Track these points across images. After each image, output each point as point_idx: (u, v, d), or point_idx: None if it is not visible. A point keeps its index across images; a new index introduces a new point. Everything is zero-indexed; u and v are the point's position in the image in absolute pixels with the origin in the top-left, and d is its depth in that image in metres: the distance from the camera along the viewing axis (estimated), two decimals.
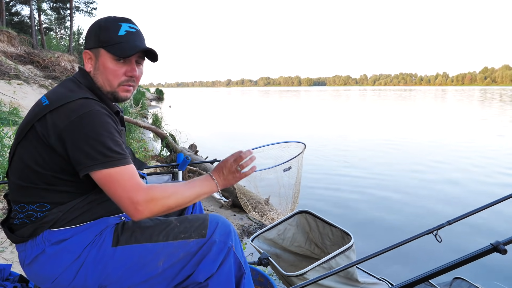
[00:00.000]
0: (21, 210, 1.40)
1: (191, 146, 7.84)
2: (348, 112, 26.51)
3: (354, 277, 2.14)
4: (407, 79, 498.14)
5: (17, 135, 1.43)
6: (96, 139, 1.30)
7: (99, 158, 1.29)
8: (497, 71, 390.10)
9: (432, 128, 15.13)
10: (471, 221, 2.16)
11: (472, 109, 27.71)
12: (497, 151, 9.79)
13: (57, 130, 1.31)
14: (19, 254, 1.44)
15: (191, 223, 1.47)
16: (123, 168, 1.32)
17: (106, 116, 1.36)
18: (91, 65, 1.50)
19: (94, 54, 1.49)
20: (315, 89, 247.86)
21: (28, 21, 31.47)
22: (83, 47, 41.78)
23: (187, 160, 2.67)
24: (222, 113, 27.28)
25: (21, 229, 1.40)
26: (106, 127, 1.33)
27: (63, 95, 1.37)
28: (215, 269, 1.41)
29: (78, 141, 1.29)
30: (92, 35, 1.49)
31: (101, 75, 1.48)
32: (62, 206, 1.38)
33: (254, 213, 3.65)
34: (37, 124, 1.35)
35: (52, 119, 1.33)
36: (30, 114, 1.42)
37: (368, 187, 6.51)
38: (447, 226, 1.65)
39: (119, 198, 1.30)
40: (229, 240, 1.45)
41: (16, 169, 1.41)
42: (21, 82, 14.67)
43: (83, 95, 1.38)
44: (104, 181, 1.31)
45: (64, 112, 1.32)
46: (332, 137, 12.94)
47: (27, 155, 1.37)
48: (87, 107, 1.33)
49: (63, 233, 1.38)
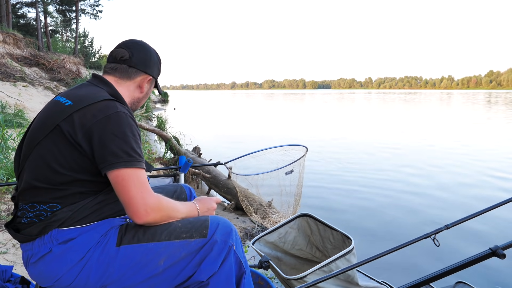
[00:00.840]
0: (31, 210, 1.42)
1: (194, 148, 7.85)
2: (352, 115, 26.45)
3: (354, 281, 2.14)
4: (412, 82, 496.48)
5: (36, 134, 1.45)
6: (122, 138, 1.38)
7: (122, 156, 1.36)
8: (503, 75, 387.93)
9: (433, 132, 15.08)
10: (469, 225, 2.16)
11: (475, 112, 27.60)
12: (496, 155, 9.75)
13: (85, 128, 1.38)
14: (24, 253, 1.45)
15: (192, 223, 1.49)
16: (141, 171, 1.40)
17: (130, 119, 1.45)
18: (146, 88, 1.73)
19: (151, 82, 1.74)
20: (320, 92, 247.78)
21: (34, 23, 31.67)
22: (88, 49, 42.09)
23: (189, 163, 2.68)
24: (226, 115, 27.32)
25: (29, 228, 1.42)
26: (131, 129, 1.43)
27: (87, 96, 1.46)
28: (216, 268, 1.43)
29: (105, 139, 1.36)
30: (155, 66, 1.74)
31: (145, 98, 1.75)
32: (72, 206, 1.40)
33: (256, 216, 3.66)
34: (63, 123, 1.39)
35: (79, 118, 1.39)
36: (50, 113, 1.46)
37: (369, 190, 6.50)
38: (445, 230, 1.65)
39: (132, 198, 1.35)
40: (230, 239, 1.48)
41: (32, 169, 1.43)
42: (26, 84, 14.77)
43: (107, 97, 1.48)
44: (120, 180, 1.36)
45: (91, 112, 1.40)
46: (334, 140, 12.90)
47: (48, 154, 1.40)
48: (114, 108, 1.42)
49: (71, 233, 1.40)
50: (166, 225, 1.47)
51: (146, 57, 1.69)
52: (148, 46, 1.73)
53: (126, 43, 1.69)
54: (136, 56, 1.66)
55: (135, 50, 1.67)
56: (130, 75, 1.65)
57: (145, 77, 1.68)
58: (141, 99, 1.72)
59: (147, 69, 1.68)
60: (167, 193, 1.87)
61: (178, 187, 2.00)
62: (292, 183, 3.22)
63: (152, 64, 1.71)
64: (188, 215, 1.57)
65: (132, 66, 1.65)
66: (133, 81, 1.66)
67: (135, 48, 1.68)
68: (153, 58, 1.71)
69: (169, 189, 1.96)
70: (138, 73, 1.66)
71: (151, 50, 1.72)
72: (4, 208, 3.79)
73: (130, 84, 1.66)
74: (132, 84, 1.66)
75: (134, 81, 1.66)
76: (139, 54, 1.67)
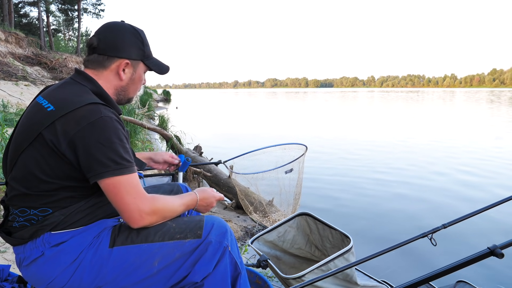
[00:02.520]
0: (22, 214, 1.40)
1: (196, 147, 7.84)
2: (353, 114, 26.42)
3: (353, 280, 2.13)
4: (415, 81, 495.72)
5: (20, 141, 1.40)
6: (108, 146, 1.32)
7: (110, 165, 1.32)
8: (506, 73, 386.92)
9: (433, 131, 15.03)
10: (466, 224, 2.14)
11: (477, 110, 27.52)
12: (494, 154, 9.69)
13: (68, 137, 1.32)
14: (17, 256, 1.44)
15: (186, 224, 1.47)
16: (132, 176, 1.36)
17: (116, 123, 1.38)
18: (126, 74, 1.56)
19: (132, 65, 1.56)
20: (322, 90, 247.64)
21: (36, 22, 31.76)
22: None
23: (187, 161, 2.67)
24: (228, 114, 27.31)
25: (20, 231, 1.40)
26: (117, 134, 1.36)
27: (69, 101, 1.37)
28: (211, 269, 1.41)
29: (90, 148, 1.31)
30: (134, 47, 1.55)
31: (134, 85, 1.60)
32: (64, 210, 1.38)
33: (255, 215, 3.65)
34: (45, 131, 1.34)
35: (62, 126, 1.33)
36: (33, 120, 1.39)
37: (368, 190, 6.49)
38: (442, 229, 1.64)
39: (126, 205, 1.34)
40: (225, 240, 1.45)
41: (19, 178, 1.39)
42: (28, 83, 14.81)
43: (91, 100, 1.39)
44: (112, 188, 1.33)
45: (74, 119, 1.33)
46: (334, 139, 12.90)
47: (32, 163, 1.36)
48: (97, 113, 1.35)
49: (63, 236, 1.38)
50: (160, 226, 1.45)
51: (116, 39, 1.51)
52: (120, 26, 1.55)
53: (97, 30, 1.56)
54: (104, 41, 1.51)
55: (102, 35, 1.52)
56: (103, 63, 1.52)
57: (119, 61, 1.52)
58: (126, 88, 1.58)
59: (119, 52, 1.51)
60: (164, 192, 1.86)
61: (175, 186, 1.99)
62: (291, 182, 3.21)
63: (125, 46, 1.52)
64: (187, 208, 1.57)
65: (101, 54, 1.51)
66: (109, 70, 1.53)
67: (103, 33, 1.53)
68: (126, 39, 1.53)
69: (166, 188, 1.95)
70: (110, 59, 1.52)
71: (123, 30, 1.54)
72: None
73: (107, 74, 1.53)
74: (109, 74, 1.53)
75: (110, 69, 1.53)
76: (106, 38, 1.51)
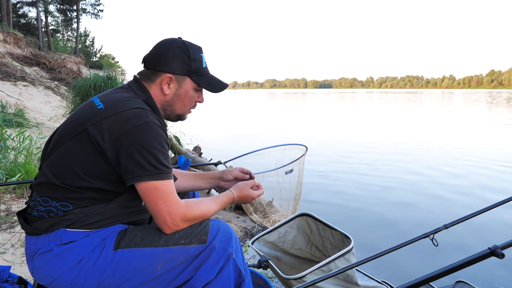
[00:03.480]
0: (44, 203, 1.41)
1: (195, 148, 7.85)
2: (353, 115, 26.46)
3: (353, 281, 2.13)
4: (414, 82, 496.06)
5: (65, 132, 1.44)
6: (150, 151, 1.35)
7: (150, 170, 1.35)
8: (504, 74, 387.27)
9: (433, 132, 15.07)
10: (468, 225, 2.15)
11: (477, 112, 27.58)
12: (494, 155, 9.72)
13: (113, 136, 1.35)
14: (28, 247, 1.45)
15: (192, 228, 1.46)
16: (169, 182, 1.39)
17: (160, 129, 1.41)
18: (171, 89, 1.57)
19: (177, 80, 1.56)
20: (321, 91, 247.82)
21: (35, 23, 31.72)
22: (90, 49, 42.12)
23: (188, 162, 2.68)
24: (227, 115, 27.33)
25: (37, 222, 1.42)
26: (160, 140, 1.39)
27: (120, 102, 1.43)
28: (213, 276, 1.40)
29: (133, 150, 1.34)
30: (179, 61, 1.54)
31: (180, 101, 1.60)
32: (84, 209, 1.40)
33: (255, 215, 3.65)
34: (91, 127, 1.38)
35: (108, 124, 1.37)
36: (82, 114, 1.44)
37: (369, 190, 6.49)
38: (444, 230, 1.64)
39: (159, 210, 1.37)
40: (230, 247, 1.44)
41: (54, 165, 1.42)
42: (27, 84, 14.78)
43: (140, 105, 1.44)
44: (148, 192, 1.36)
45: (121, 119, 1.37)
46: (334, 140, 12.92)
47: (73, 156, 1.39)
48: (144, 118, 1.39)
49: (76, 235, 1.40)
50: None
51: (161, 54, 1.55)
52: (170, 41, 1.58)
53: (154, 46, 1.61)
54: (151, 55, 1.57)
55: (153, 49, 1.58)
56: (150, 77, 1.56)
57: (162, 76, 1.55)
58: (171, 103, 1.59)
59: (163, 66, 1.54)
60: None
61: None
62: (291, 183, 3.21)
63: (169, 60, 1.54)
64: (221, 207, 1.61)
65: (148, 68, 1.57)
66: (155, 84, 1.56)
67: (154, 47, 1.59)
68: (171, 53, 1.54)
69: None
70: (155, 73, 1.55)
71: (172, 45, 1.56)
72: (4, 208, 3.79)
73: (154, 88, 1.56)
74: (155, 87, 1.56)
75: (156, 84, 1.56)
76: (154, 53, 1.57)
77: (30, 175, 4.42)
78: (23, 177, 4.36)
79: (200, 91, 1.65)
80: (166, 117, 1.64)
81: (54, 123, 10.79)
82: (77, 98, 9.35)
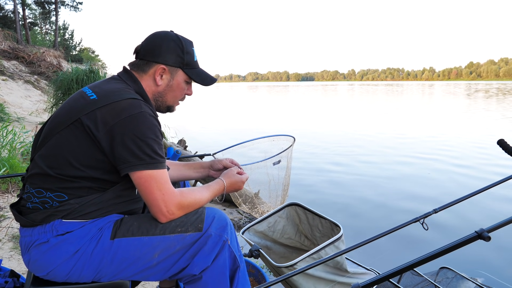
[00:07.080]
0: (38, 195, 1.41)
1: (180, 141, 7.81)
2: (337, 106, 26.62)
3: (343, 267, 2.18)
4: (395, 74, 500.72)
5: (57, 123, 1.44)
6: (144, 141, 1.37)
7: (145, 159, 1.37)
8: (482, 66, 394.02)
9: (417, 122, 15.29)
10: (456, 209, 2.21)
11: (458, 103, 28.03)
12: (482, 143, 9.93)
13: (107, 126, 1.36)
14: (23, 239, 1.45)
15: (188, 216, 1.48)
16: (163, 171, 1.41)
17: (154, 119, 1.44)
18: (164, 80, 1.60)
19: (170, 72, 1.59)
20: (304, 84, 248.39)
21: (12, 16, 30.91)
22: (69, 42, 41.32)
23: (177, 154, 2.69)
24: (210, 108, 27.21)
25: (32, 213, 1.41)
26: (154, 130, 1.41)
27: (112, 93, 1.44)
28: (210, 262, 1.43)
29: (127, 140, 1.36)
30: (173, 53, 1.58)
31: (171, 92, 1.63)
32: (79, 199, 1.40)
33: (244, 206, 3.68)
34: (84, 117, 1.39)
35: (102, 114, 1.38)
36: (74, 105, 1.44)
37: (356, 178, 6.60)
38: (433, 214, 1.69)
39: (154, 199, 1.39)
40: (225, 233, 1.47)
41: (47, 156, 1.42)
42: (6, 78, 14.47)
43: (133, 95, 1.45)
44: (143, 181, 1.38)
45: (115, 110, 1.38)
46: (320, 130, 13.03)
47: (67, 145, 1.39)
48: (138, 108, 1.41)
49: (72, 225, 1.40)
50: None
51: (155, 45, 1.58)
52: (164, 34, 1.61)
53: (145, 38, 1.63)
54: (145, 46, 1.59)
55: (146, 41, 1.60)
56: (143, 68, 1.58)
57: (156, 66, 1.57)
58: (163, 94, 1.62)
59: (156, 57, 1.56)
60: None
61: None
62: (280, 173, 3.24)
63: (163, 52, 1.57)
64: (215, 197, 1.65)
65: (141, 58, 1.59)
66: (147, 74, 1.58)
67: (147, 39, 1.61)
68: (165, 45, 1.57)
69: None
70: (148, 64, 1.57)
71: (165, 37, 1.59)
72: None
73: (147, 78, 1.58)
74: (148, 78, 1.58)
75: (148, 74, 1.58)
76: (148, 44, 1.59)
77: (14, 169, 4.36)
78: (8, 171, 4.30)
79: (190, 84, 1.69)
80: (157, 108, 1.66)
81: (36, 117, 10.61)
82: (58, 92, 9.19)
